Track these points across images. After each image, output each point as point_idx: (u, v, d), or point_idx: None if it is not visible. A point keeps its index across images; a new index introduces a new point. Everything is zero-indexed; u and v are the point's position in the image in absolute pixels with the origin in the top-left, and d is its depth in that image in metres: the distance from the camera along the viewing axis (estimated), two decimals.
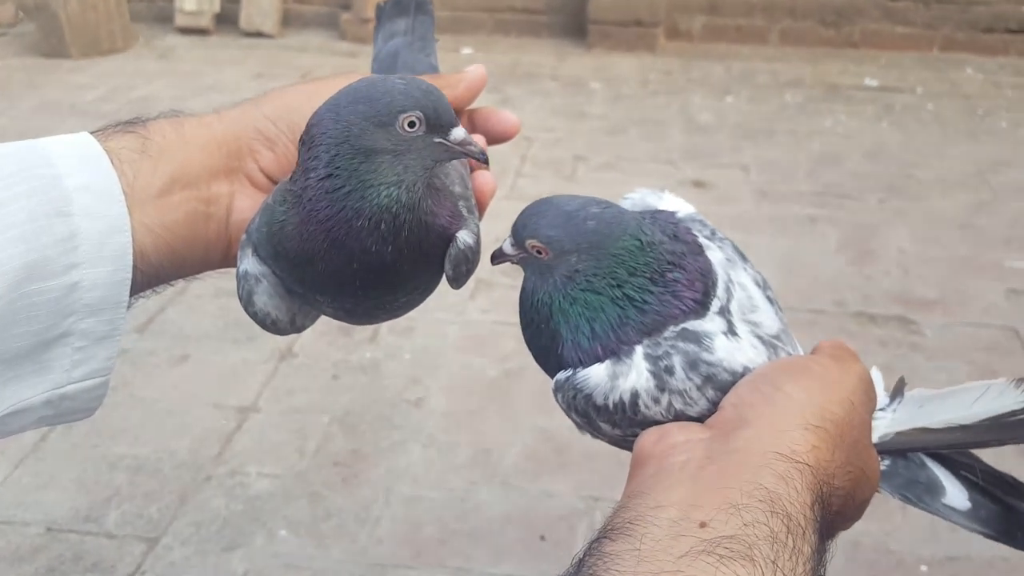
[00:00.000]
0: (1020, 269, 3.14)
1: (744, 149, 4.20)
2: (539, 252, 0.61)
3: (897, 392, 0.68)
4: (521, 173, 3.84)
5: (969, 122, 4.55)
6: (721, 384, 0.59)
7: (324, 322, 2.57)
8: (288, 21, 5.97)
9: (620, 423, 0.60)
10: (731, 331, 0.61)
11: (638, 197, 0.73)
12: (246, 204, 0.68)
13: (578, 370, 0.61)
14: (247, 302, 0.67)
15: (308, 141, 0.61)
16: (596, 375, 0.60)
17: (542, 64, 5.40)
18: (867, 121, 4.56)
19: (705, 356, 0.59)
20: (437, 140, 0.61)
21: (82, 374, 0.61)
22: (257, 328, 0.69)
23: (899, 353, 2.67)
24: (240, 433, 2.36)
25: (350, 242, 0.61)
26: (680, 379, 0.59)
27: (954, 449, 0.66)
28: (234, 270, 0.69)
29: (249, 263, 0.66)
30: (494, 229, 0.89)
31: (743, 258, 0.69)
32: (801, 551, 0.47)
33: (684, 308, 0.61)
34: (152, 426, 2.37)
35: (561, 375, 0.62)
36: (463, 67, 0.77)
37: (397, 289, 0.66)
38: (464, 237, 0.66)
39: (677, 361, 0.59)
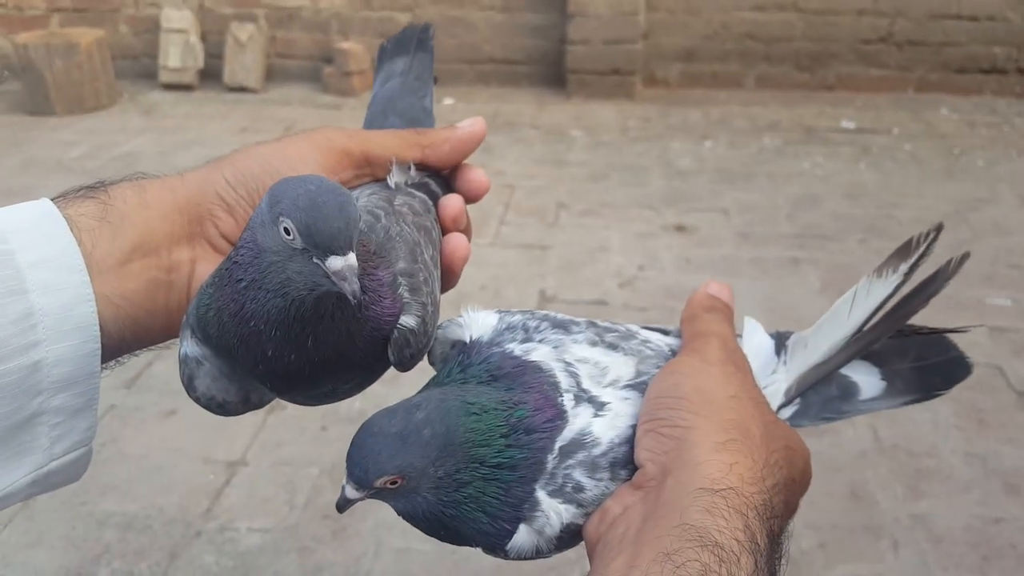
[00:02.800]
0: (1001, 307, 3.19)
1: (724, 193, 4.26)
2: (393, 483, 0.57)
3: (781, 346, 0.69)
4: (504, 221, 3.87)
5: (946, 161, 4.64)
6: (625, 458, 0.59)
7: None
8: (271, 75, 6.04)
9: (573, 540, 0.60)
10: (599, 408, 0.61)
11: (440, 334, 0.69)
12: (207, 270, 0.66)
13: (505, 545, 0.59)
14: (188, 386, 0.64)
15: (249, 220, 0.59)
16: (522, 541, 0.59)
17: (523, 113, 5.48)
18: (845, 163, 4.64)
19: (595, 452, 0.59)
20: (315, 261, 0.54)
21: (63, 449, 0.59)
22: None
23: None
24: (229, 487, 2.34)
25: (252, 343, 0.58)
26: (591, 486, 0.58)
27: (851, 360, 0.67)
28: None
29: (188, 346, 0.63)
30: (478, 276, 0.91)
31: (567, 328, 0.66)
32: None
33: (547, 433, 0.59)
34: (141, 482, 2.35)
35: (501, 554, 0.61)
36: (447, 118, 0.75)
37: (310, 388, 0.63)
38: (405, 323, 0.62)
39: (578, 476, 0.58)
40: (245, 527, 2.21)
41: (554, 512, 0.58)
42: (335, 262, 0.54)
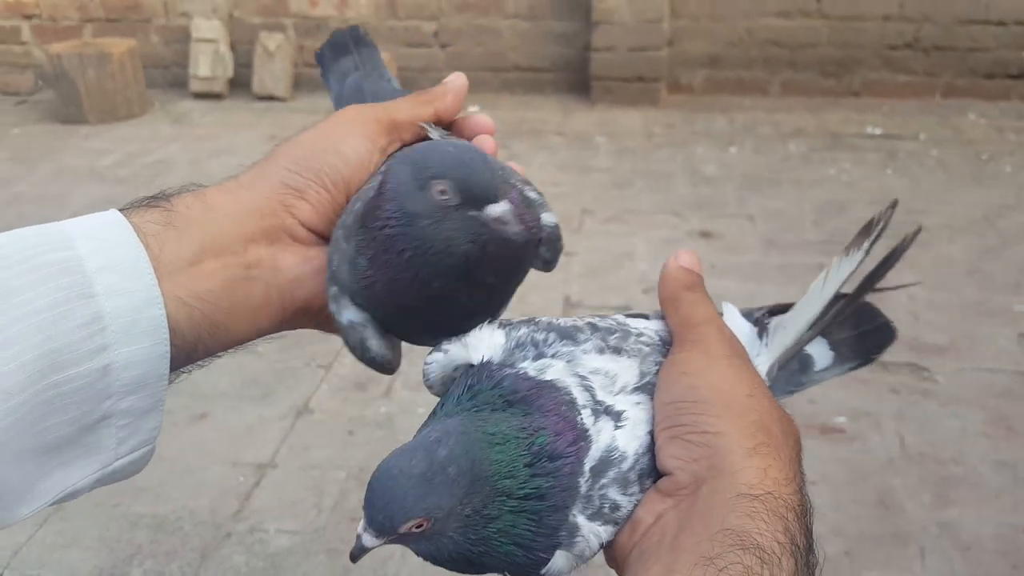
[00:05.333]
0: None
1: (749, 199, 4.25)
2: (419, 526, 0.55)
3: (762, 330, 0.70)
4: None
5: (973, 167, 4.60)
6: (649, 467, 0.59)
7: (338, 377, 2.61)
8: (299, 84, 6.11)
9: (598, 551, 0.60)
10: (616, 419, 0.60)
11: (442, 358, 0.66)
12: (293, 260, 0.67)
13: (541, 571, 0.58)
14: (363, 349, 0.66)
15: (379, 186, 0.62)
16: (560, 566, 0.58)
17: (547, 120, 5.51)
18: (871, 169, 4.62)
19: (624, 467, 0.58)
20: (471, 214, 0.58)
21: (128, 448, 0.60)
22: (273, 385, 0.70)
23: (912, 400, 2.68)
24: (258, 490, 2.38)
25: (444, 297, 0.61)
26: (626, 502, 0.58)
27: (819, 333, 0.71)
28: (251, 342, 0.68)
29: (351, 313, 0.65)
30: None
31: (574, 338, 0.65)
32: None
33: (572, 457, 0.57)
34: (172, 484, 2.40)
35: None
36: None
37: (502, 302, 0.68)
38: (548, 220, 0.68)
39: (613, 495, 0.57)
40: (274, 529, 2.24)
41: (594, 535, 0.57)
42: (494, 209, 0.58)
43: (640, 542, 0.56)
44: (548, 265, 0.70)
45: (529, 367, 0.62)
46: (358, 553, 0.57)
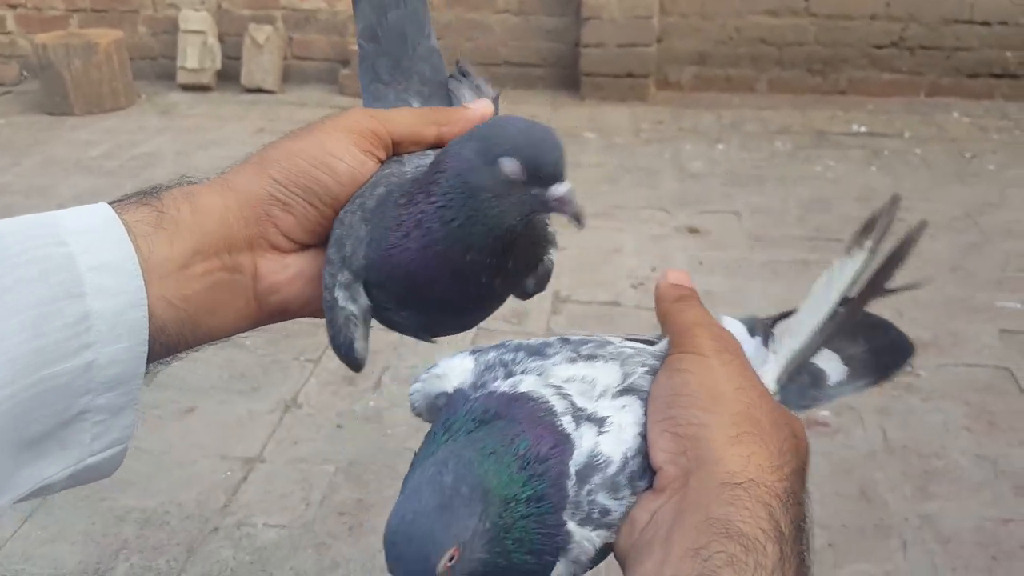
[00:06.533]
0: (1012, 309, 3.20)
1: (736, 195, 4.28)
2: (451, 559, 0.53)
3: (767, 335, 0.70)
4: None
5: (957, 166, 4.65)
6: (641, 469, 0.59)
7: (326, 371, 2.62)
8: (288, 77, 6.09)
9: (604, 555, 0.61)
10: (600, 424, 0.60)
11: (421, 387, 0.67)
12: (271, 267, 0.69)
13: None
14: (347, 348, 0.68)
15: (434, 166, 0.63)
16: (559, 573, 0.58)
17: (537, 115, 5.50)
18: (856, 166, 4.65)
19: (610, 472, 0.58)
20: (535, 191, 0.60)
21: (102, 445, 0.61)
22: (261, 379, 0.71)
23: (895, 395, 2.71)
24: (246, 484, 2.38)
25: (467, 272, 0.63)
26: (616, 507, 0.58)
27: (832, 338, 0.69)
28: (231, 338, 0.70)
29: (356, 302, 0.67)
30: None
31: (542, 354, 0.65)
32: (763, 565, 0.50)
33: (557, 458, 0.58)
34: (159, 478, 2.40)
35: None
36: None
37: (491, 307, 0.69)
38: (552, 257, 0.71)
39: (602, 500, 0.58)
40: (262, 523, 2.25)
41: (587, 541, 0.58)
42: (559, 188, 0.60)
43: (637, 540, 0.56)
44: (526, 296, 0.71)
45: (501, 385, 0.62)
46: None
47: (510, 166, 0.59)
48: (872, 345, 0.71)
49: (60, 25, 6.18)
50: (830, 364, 0.70)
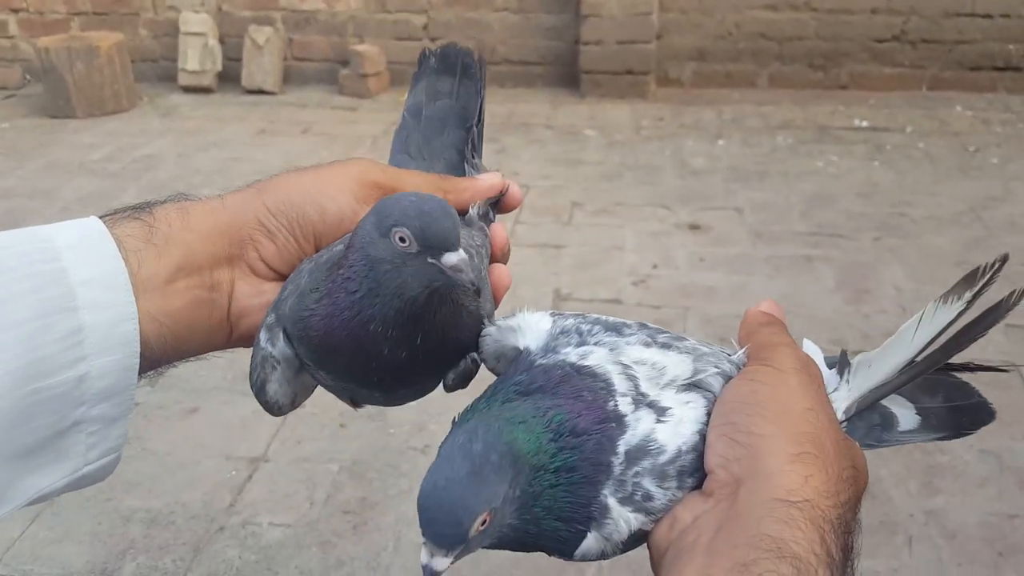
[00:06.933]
0: (1017, 305, 3.19)
1: (738, 191, 4.28)
2: (483, 523, 0.55)
3: (844, 365, 0.70)
4: (519, 220, 3.91)
5: (960, 159, 4.64)
6: (692, 466, 0.59)
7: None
8: (288, 78, 6.10)
9: (636, 544, 0.61)
10: (660, 413, 0.61)
11: (495, 332, 0.70)
12: (246, 291, 0.70)
13: (574, 549, 0.60)
14: (259, 389, 0.69)
15: (350, 241, 0.65)
16: (589, 546, 0.59)
17: (537, 113, 5.51)
18: (858, 161, 4.65)
19: (662, 460, 0.59)
20: (430, 261, 0.61)
21: (97, 455, 0.63)
22: None
23: None
24: (251, 483, 2.39)
25: (368, 343, 0.64)
26: (660, 495, 0.58)
27: (907, 384, 0.69)
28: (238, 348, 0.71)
29: (277, 347, 0.68)
30: None
31: (619, 331, 0.67)
32: None
33: (598, 435, 0.59)
34: (165, 478, 2.40)
35: (566, 557, 0.61)
36: None
37: (405, 386, 0.69)
38: (478, 360, 0.71)
39: (647, 484, 0.58)
40: (267, 522, 2.25)
41: (623, 520, 0.58)
42: (450, 257, 0.61)
43: (677, 540, 0.56)
44: (446, 388, 0.72)
45: (571, 352, 0.64)
46: None
47: (400, 235, 0.61)
48: (952, 403, 0.70)
49: (62, 28, 6.19)
50: (903, 411, 0.70)
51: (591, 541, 0.59)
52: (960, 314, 0.66)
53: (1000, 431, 2.52)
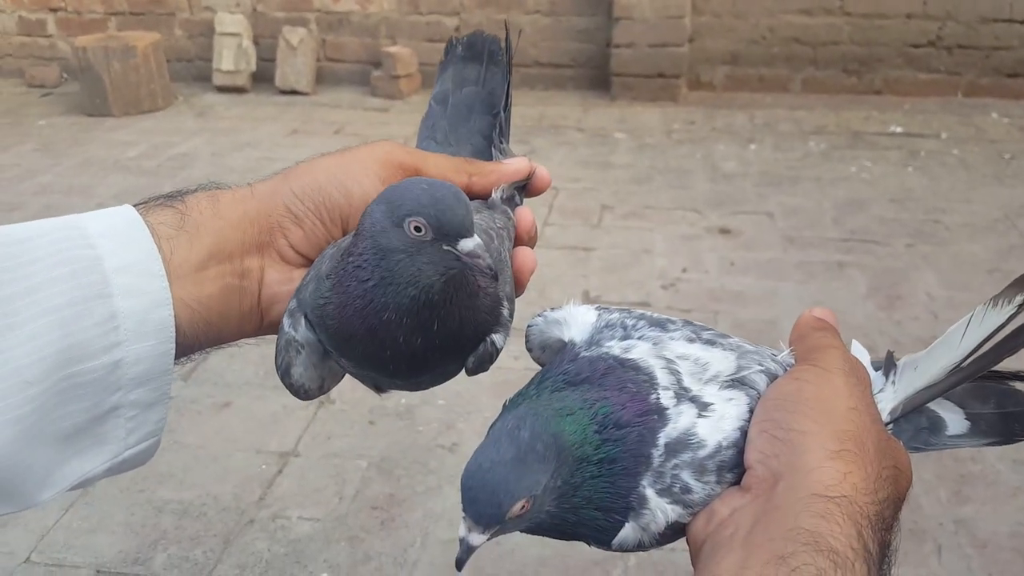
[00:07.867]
0: None
1: (769, 196, 4.26)
2: (522, 508, 0.57)
3: (889, 366, 0.69)
4: (548, 222, 3.91)
5: (995, 166, 4.58)
6: (732, 462, 0.60)
7: None
8: (322, 79, 6.15)
9: (675, 536, 0.62)
10: (702, 408, 0.61)
11: (541, 323, 0.71)
12: (276, 278, 0.70)
13: (612, 539, 0.61)
14: (284, 372, 0.70)
15: (357, 227, 0.65)
16: (627, 536, 0.60)
17: (567, 116, 5.52)
18: (892, 167, 4.60)
19: (701, 454, 0.59)
20: (446, 248, 0.61)
21: (137, 439, 0.64)
22: None
23: None
24: (281, 477, 2.41)
25: (382, 331, 0.63)
26: (699, 488, 0.59)
27: (956, 387, 0.68)
28: (266, 336, 0.71)
29: (299, 331, 0.68)
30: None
31: (663, 326, 0.67)
32: None
33: (640, 427, 0.60)
34: (196, 471, 2.44)
35: (604, 547, 0.63)
36: None
37: (424, 372, 0.69)
38: (497, 340, 0.69)
39: (685, 477, 0.59)
40: (296, 516, 2.28)
41: (660, 511, 0.59)
42: (466, 243, 0.61)
43: (714, 533, 0.56)
44: (468, 372, 0.71)
45: (615, 346, 0.65)
46: (465, 556, 0.58)
47: (415, 224, 0.60)
48: (1004, 409, 0.70)
49: (99, 28, 6.29)
50: (951, 415, 0.69)
51: (628, 531, 0.60)
52: (1011, 318, 0.65)
53: None
